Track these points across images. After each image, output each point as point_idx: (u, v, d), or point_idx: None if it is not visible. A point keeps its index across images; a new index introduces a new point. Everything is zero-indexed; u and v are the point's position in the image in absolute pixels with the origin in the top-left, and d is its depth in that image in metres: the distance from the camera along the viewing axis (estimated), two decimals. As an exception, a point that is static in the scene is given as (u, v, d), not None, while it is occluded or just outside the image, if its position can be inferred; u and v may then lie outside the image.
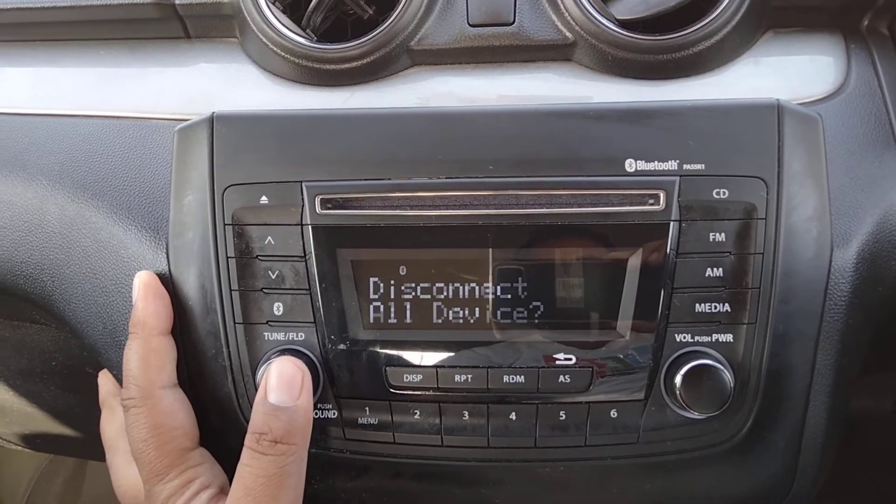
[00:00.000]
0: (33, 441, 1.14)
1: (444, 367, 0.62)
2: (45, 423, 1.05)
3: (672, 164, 0.59)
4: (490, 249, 0.61)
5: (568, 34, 0.68)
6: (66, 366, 0.90)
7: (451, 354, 0.62)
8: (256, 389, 0.60)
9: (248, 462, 0.56)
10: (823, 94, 0.67)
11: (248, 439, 0.57)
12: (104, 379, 0.73)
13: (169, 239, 0.65)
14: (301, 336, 0.62)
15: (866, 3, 0.67)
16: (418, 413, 0.62)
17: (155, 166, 0.68)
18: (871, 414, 0.90)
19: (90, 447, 0.99)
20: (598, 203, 0.60)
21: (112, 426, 0.70)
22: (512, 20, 0.68)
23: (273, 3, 0.69)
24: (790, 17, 0.69)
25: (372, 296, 0.62)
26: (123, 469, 0.66)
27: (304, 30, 0.70)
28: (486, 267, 0.61)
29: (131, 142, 0.69)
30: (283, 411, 0.57)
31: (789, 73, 0.68)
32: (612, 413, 0.61)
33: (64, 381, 0.94)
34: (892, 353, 0.73)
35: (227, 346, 0.63)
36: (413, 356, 0.62)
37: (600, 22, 0.66)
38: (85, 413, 0.98)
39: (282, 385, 0.58)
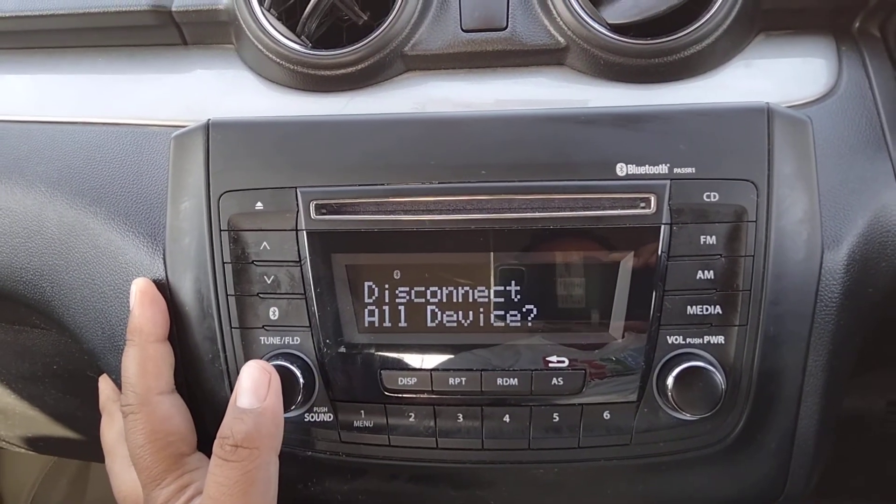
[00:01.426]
0: (36, 444, 1.15)
1: (438, 370, 0.62)
2: (47, 426, 1.06)
3: (663, 168, 0.60)
4: (483, 253, 0.62)
5: (560, 39, 0.68)
6: (67, 370, 0.91)
7: (445, 357, 0.62)
8: None
9: (213, 470, 0.55)
10: (815, 96, 0.67)
11: (215, 445, 0.56)
12: (104, 384, 0.74)
13: (166, 245, 0.65)
14: (297, 340, 0.63)
15: (857, 5, 0.68)
16: (413, 416, 0.63)
17: (152, 173, 0.68)
18: (864, 414, 0.90)
19: (92, 449, 1.00)
20: (590, 207, 0.60)
21: (111, 431, 0.71)
22: (504, 25, 0.68)
23: (268, 10, 0.70)
24: (781, 19, 0.69)
25: (366, 300, 0.63)
26: (123, 474, 0.67)
27: (299, 36, 0.70)
28: (478, 270, 0.62)
29: (129, 148, 0.70)
30: (249, 414, 0.56)
31: (781, 76, 0.68)
32: (604, 415, 0.62)
33: (65, 384, 0.95)
34: (884, 353, 0.74)
35: (224, 351, 0.63)
36: (407, 359, 0.63)
37: (592, 26, 0.66)
38: (86, 416, 0.98)
39: (249, 388, 0.57)
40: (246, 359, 0.63)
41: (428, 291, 0.63)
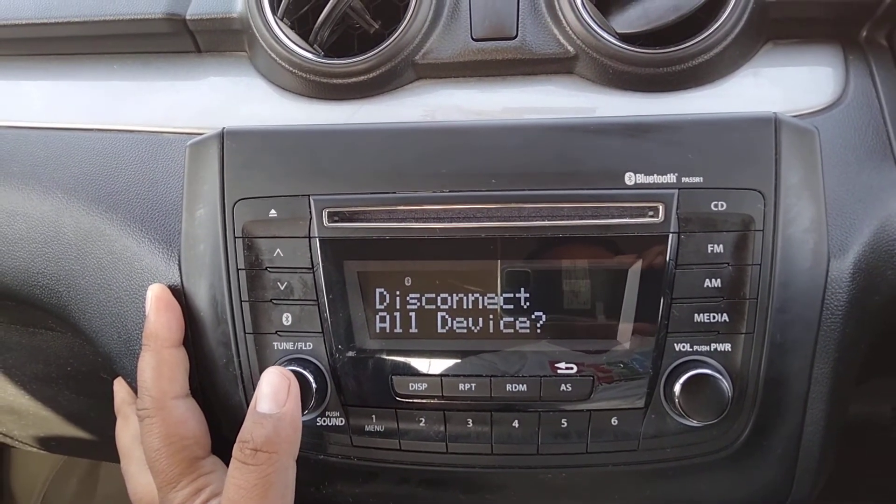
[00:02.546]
0: (48, 443, 1.16)
1: (448, 375, 0.63)
2: (59, 426, 1.07)
3: (671, 178, 0.60)
4: (492, 261, 0.62)
5: (569, 48, 0.69)
6: (81, 371, 0.92)
7: (455, 363, 0.63)
8: None
9: (232, 473, 0.56)
10: (822, 105, 0.67)
11: (234, 449, 0.57)
12: (119, 387, 0.75)
13: (181, 251, 0.66)
14: (309, 346, 0.64)
15: (864, 14, 0.68)
16: (423, 421, 0.64)
17: (167, 180, 0.69)
18: (870, 419, 0.91)
19: (104, 449, 1.01)
20: (599, 215, 0.61)
21: (127, 434, 0.72)
22: (515, 34, 0.69)
23: (281, 19, 0.71)
24: (789, 28, 0.70)
25: (378, 306, 0.64)
26: (138, 476, 0.68)
27: (311, 45, 0.71)
28: (488, 278, 0.63)
29: (144, 155, 0.71)
30: (268, 419, 0.57)
31: (788, 85, 0.69)
32: (612, 421, 0.63)
33: (78, 385, 0.96)
34: (889, 360, 0.74)
35: (238, 356, 0.64)
36: (418, 365, 0.64)
37: (601, 36, 0.67)
38: (98, 416, 1.00)
39: (269, 394, 0.58)
40: (259, 364, 0.64)
41: (438, 298, 0.63)
